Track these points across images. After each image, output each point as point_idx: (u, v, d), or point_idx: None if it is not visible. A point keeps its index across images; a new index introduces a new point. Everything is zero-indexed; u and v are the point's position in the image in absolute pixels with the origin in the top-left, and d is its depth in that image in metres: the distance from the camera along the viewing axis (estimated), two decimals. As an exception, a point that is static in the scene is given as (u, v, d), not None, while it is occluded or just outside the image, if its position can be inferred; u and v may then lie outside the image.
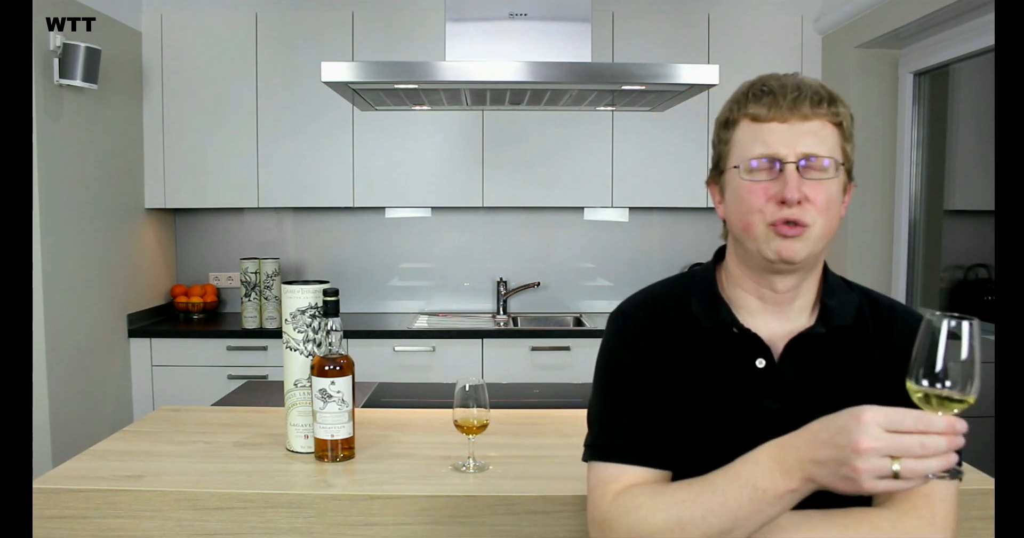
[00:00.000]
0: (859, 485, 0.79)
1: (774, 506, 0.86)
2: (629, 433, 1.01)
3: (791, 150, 0.94)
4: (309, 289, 1.51)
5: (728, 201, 1.01)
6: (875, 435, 0.78)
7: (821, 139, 0.95)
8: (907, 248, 3.15)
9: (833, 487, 0.82)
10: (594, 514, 1.00)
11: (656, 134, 3.42)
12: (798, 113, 0.94)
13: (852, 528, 0.91)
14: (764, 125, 0.95)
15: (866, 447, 0.78)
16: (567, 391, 2.37)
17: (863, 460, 0.78)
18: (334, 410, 1.47)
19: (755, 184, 0.96)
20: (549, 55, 2.31)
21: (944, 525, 0.92)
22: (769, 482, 0.86)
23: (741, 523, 0.88)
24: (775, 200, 0.94)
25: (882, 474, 0.78)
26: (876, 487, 0.79)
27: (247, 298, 3.38)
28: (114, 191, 3.20)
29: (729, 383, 1.00)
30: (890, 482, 0.79)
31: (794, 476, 0.84)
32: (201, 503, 1.34)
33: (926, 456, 0.77)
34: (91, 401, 2.99)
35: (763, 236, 0.96)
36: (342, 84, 2.17)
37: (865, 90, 3.18)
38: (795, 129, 0.95)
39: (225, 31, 3.39)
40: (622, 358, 1.05)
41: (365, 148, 3.43)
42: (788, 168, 0.94)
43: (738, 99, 0.99)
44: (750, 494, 0.87)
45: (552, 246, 3.80)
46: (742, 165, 0.96)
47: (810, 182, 0.94)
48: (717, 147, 1.03)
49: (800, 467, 0.84)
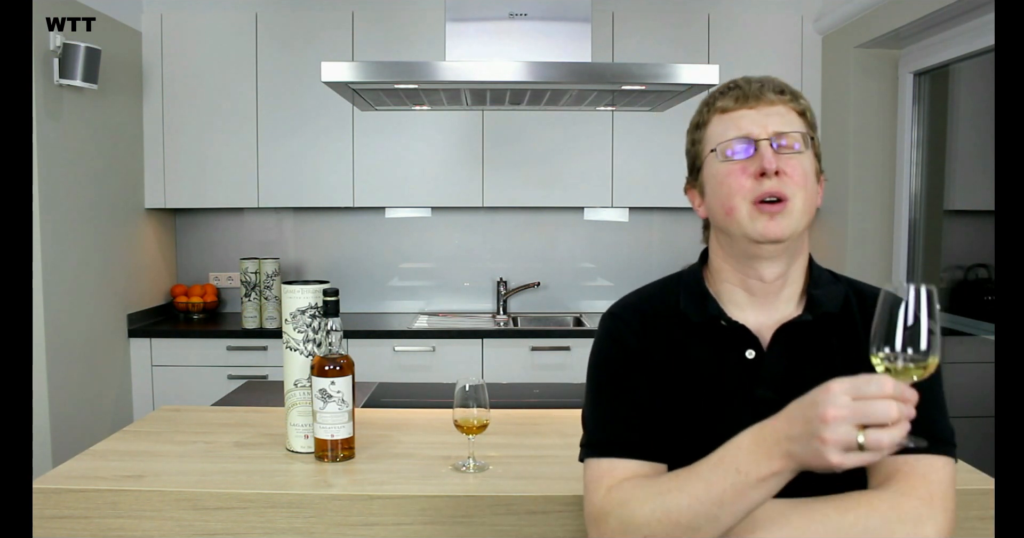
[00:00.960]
0: (826, 458, 0.80)
1: (757, 489, 0.86)
2: (622, 428, 1.02)
3: (763, 130, 0.99)
4: (309, 289, 1.51)
5: (709, 192, 1.04)
6: (841, 403, 0.79)
7: (788, 121, 1.01)
8: (907, 248, 3.15)
9: (808, 463, 0.83)
10: (589, 510, 1.00)
11: (656, 134, 3.42)
12: (764, 100, 1.01)
13: (851, 510, 0.91)
14: (733, 113, 1.01)
15: (832, 415, 0.79)
16: (567, 391, 2.37)
17: (830, 430, 0.79)
18: (334, 410, 1.47)
19: (733, 164, 1.00)
20: (549, 55, 2.31)
21: (943, 505, 0.92)
22: (751, 465, 0.86)
23: (726, 508, 0.88)
24: (754, 176, 0.98)
25: (848, 446, 0.79)
26: (844, 462, 0.79)
27: (247, 298, 3.38)
28: (114, 191, 3.20)
29: (721, 376, 1.02)
30: (857, 456, 0.79)
31: (774, 457, 0.85)
32: (201, 503, 1.34)
33: (891, 423, 0.78)
34: (91, 401, 2.99)
35: (747, 217, 0.98)
36: (342, 84, 2.17)
37: (865, 90, 3.18)
38: (763, 112, 1.00)
39: (225, 31, 3.39)
40: (613, 357, 1.06)
41: (365, 148, 3.43)
42: (762, 145, 0.98)
43: (707, 101, 1.06)
44: (733, 478, 0.87)
45: (552, 246, 3.80)
46: (718, 149, 1.01)
47: (784, 156, 0.98)
48: (691, 151, 1.08)
49: (778, 446, 0.84)
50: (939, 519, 0.91)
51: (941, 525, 0.91)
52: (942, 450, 0.95)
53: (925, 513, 0.91)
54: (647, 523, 0.92)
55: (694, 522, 0.89)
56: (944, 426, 0.98)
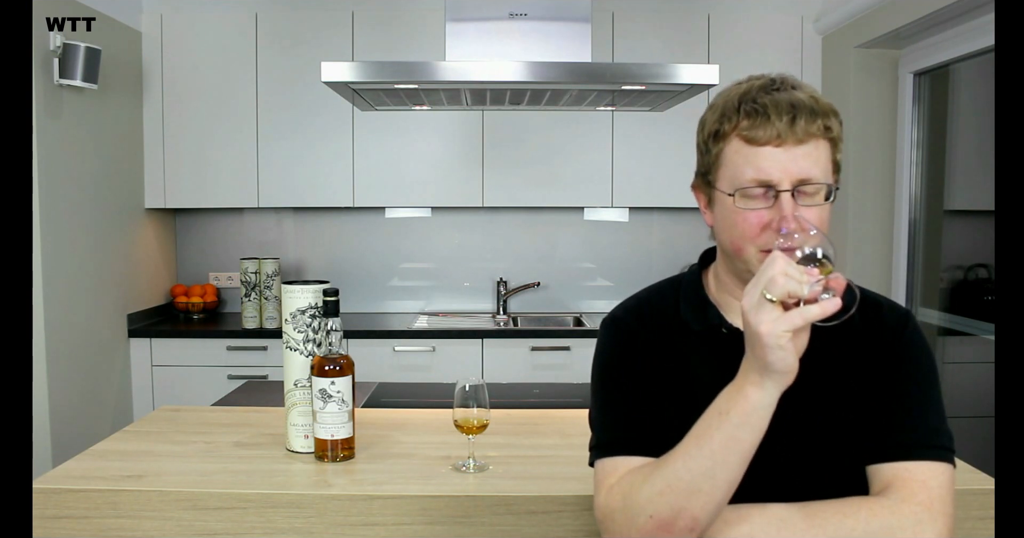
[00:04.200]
0: (758, 333, 0.84)
1: (743, 428, 0.88)
2: (629, 427, 1.01)
3: (786, 176, 0.92)
4: (309, 289, 1.51)
5: (718, 220, 1.01)
6: (752, 295, 0.85)
7: (815, 161, 0.93)
8: (907, 248, 3.15)
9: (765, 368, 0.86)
10: (596, 510, 1.00)
11: (656, 134, 3.42)
12: (792, 137, 0.92)
13: (852, 515, 0.91)
14: (758, 149, 0.93)
15: (746, 305, 0.85)
16: (567, 391, 2.37)
17: (751, 315, 0.85)
18: (334, 410, 1.47)
19: (748, 213, 0.94)
20: (549, 55, 2.31)
21: (942, 510, 0.92)
22: (729, 401, 0.89)
23: (719, 459, 0.88)
24: (771, 229, 0.93)
25: (763, 306, 0.84)
26: (773, 327, 0.83)
27: (247, 298, 3.38)
28: (114, 191, 3.20)
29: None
30: (780, 313, 0.84)
31: (745, 384, 0.88)
32: (201, 503, 1.34)
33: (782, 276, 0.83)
34: (91, 401, 2.99)
35: (755, 260, 0.95)
36: (342, 84, 2.17)
37: (865, 90, 3.18)
38: (790, 153, 0.92)
39: (225, 31, 3.39)
40: (616, 360, 1.06)
41: (365, 148, 3.43)
42: (783, 197, 0.92)
43: (727, 113, 0.96)
44: (717, 422, 0.89)
45: (552, 246, 3.80)
46: (735, 193, 0.95)
47: (803, 207, 0.93)
48: (705, 156, 1.01)
49: (743, 375, 0.89)
50: (939, 524, 0.92)
51: (941, 530, 0.91)
52: (941, 456, 0.96)
53: (925, 518, 0.91)
54: (649, 502, 0.92)
55: (692, 484, 0.89)
56: (943, 432, 0.98)
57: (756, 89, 0.96)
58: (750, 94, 0.95)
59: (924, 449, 0.95)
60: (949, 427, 1.00)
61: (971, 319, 2.86)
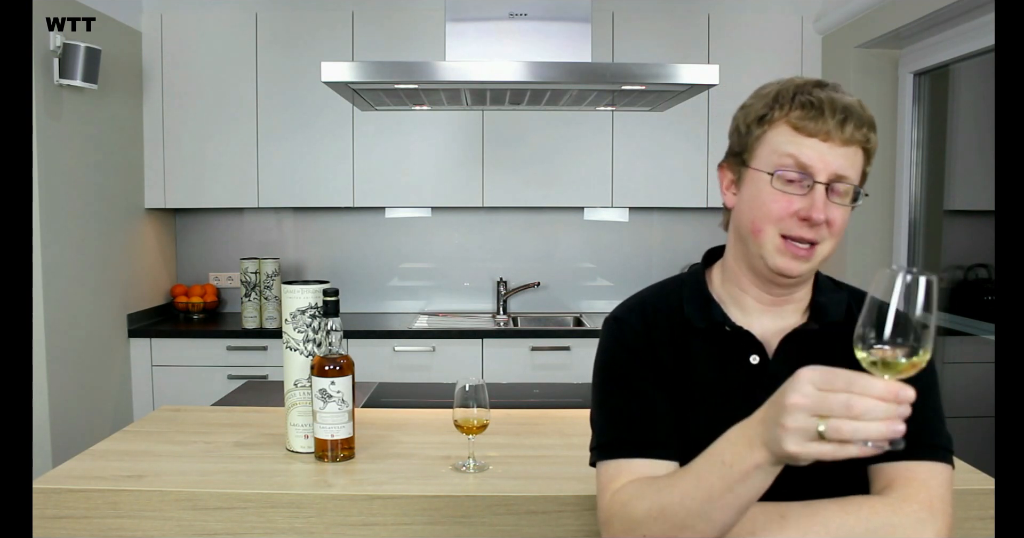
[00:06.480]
0: (783, 445, 0.76)
1: (743, 484, 0.84)
2: (631, 428, 1.01)
3: (825, 168, 0.95)
4: (309, 289, 1.51)
5: (744, 197, 1.01)
6: (805, 392, 0.75)
7: (852, 163, 0.97)
8: (907, 248, 3.15)
9: (774, 451, 0.79)
10: (598, 513, 1.01)
11: (656, 134, 3.42)
12: (840, 137, 0.95)
13: (853, 513, 0.92)
14: (803, 137, 0.96)
15: (792, 402, 0.76)
16: (567, 391, 2.37)
17: (790, 417, 0.76)
18: (334, 410, 1.47)
19: (781, 195, 0.96)
20: (549, 55, 2.31)
21: (942, 510, 0.94)
22: (735, 456, 0.84)
23: (715, 503, 0.86)
24: (798, 216, 0.95)
25: (808, 436, 0.75)
26: (802, 450, 0.76)
27: (247, 298, 3.38)
28: (114, 191, 3.20)
29: (724, 380, 1.02)
30: (818, 446, 0.75)
31: (754, 446, 0.82)
32: (201, 503, 1.34)
33: (855, 418, 0.73)
34: (91, 401, 2.99)
35: (771, 246, 0.98)
36: (342, 84, 2.17)
37: (865, 90, 3.17)
38: (834, 151, 0.95)
39: (225, 31, 3.39)
40: (619, 360, 1.06)
41: (365, 148, 3.43)
42: (818, 188, 0.95)
43: (780, 100, 0.98)
44: (719, 471, 0.85)
45: (552, 246, 3.80)
46: (774, 173, 0.96)
47: (832, 205, 0.96)
48: (743, 136, 1.01)
49: (758, 436, 0.82)
50: (939, 523, 0.93)
51: (941, 529, 0.93)
52: (942, 457, 0.97)
53: (926, 517, 0.92)
54: (644, 521, 0.92)
55: (687, 520, 0.89)
56: (943, 433, 0.99)
57: (811, 85, 0.98)
58: (806, 88, 0.98)
59: (925, 450, 0.96)
60: (948, 429, 1.01)
61: (971, 319, 2.86)
